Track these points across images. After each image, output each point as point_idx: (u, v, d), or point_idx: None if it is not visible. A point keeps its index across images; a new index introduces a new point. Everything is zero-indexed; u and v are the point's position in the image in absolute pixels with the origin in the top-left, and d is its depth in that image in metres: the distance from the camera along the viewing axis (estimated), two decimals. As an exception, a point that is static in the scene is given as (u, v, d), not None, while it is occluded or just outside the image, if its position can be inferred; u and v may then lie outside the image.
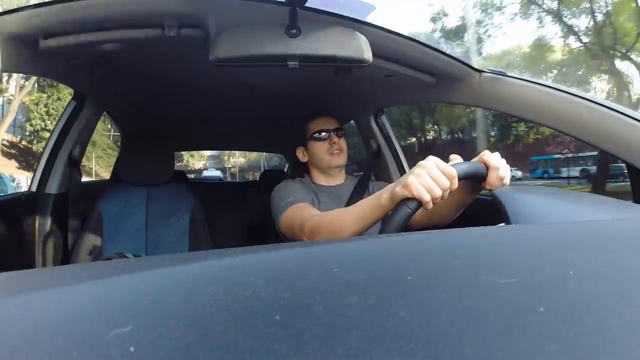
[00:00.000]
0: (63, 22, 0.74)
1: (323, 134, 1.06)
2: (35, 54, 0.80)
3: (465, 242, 0.30)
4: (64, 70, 0.98)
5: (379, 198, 0.64)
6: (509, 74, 0.94)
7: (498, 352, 0.16)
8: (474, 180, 0.67)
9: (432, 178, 0.58)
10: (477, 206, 0.75)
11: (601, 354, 0.16)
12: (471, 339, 0.16)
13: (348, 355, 0.15)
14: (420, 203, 0.58)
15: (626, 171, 0.76)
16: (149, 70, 1.11)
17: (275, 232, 1.09)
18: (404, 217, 0.57)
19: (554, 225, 0.36)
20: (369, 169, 1.30)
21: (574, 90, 0.83)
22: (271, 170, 2.19)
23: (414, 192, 0.57)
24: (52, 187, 1.23)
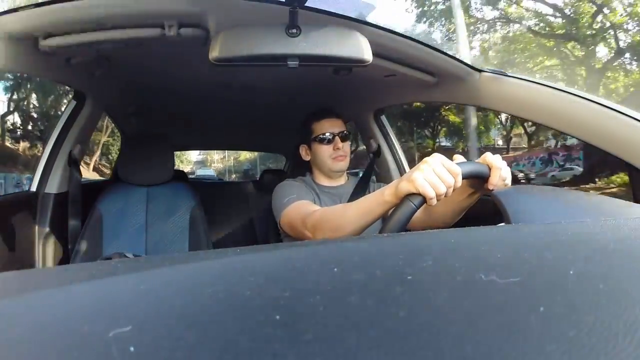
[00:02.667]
0: (63, 22, 0.74)
1: (327, 135, 1.04)
2: (35, 54, 0.80)
3: (465, 242, 0.30)
4: (64, 70, 0.98)
5: (382, 194, 0.64)
6: (509, 74, 0.94)
7: (498, 352, 0.16)
8: (477, 182, 0.67)
9: (436, 174, 0.58)
10: (477, 206, 0.75)
11: (601, 354, 0.16)
12: (471, 339, 0.16)
13: (348, 355, 0.15)
14: (424, 199, 0.58)
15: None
16: (149, 70, 1.11)
17: (276, 232, 1.09)
18: (408, 213, 0.57)
19: (554, 225, 0.36)
20: (368, 169, 1.30)
21: (574, 90, 0.83)
22: (271, 170, 2.19)
23: (419, 188, 0.57)
24: (52, 187, 1.23)
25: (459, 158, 0.65)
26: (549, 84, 0.86)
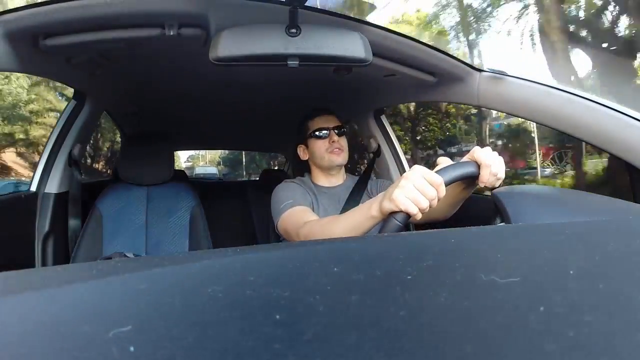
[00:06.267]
0: (63, 22, 0.74)
1: (323, 132, 1.06)
2: (35, 53, 0.80)
3: (465, 242, 0.30)
4: (64, 70, 0.98)
5: (370, 208, 0.64)
6: (509, 74, 0.94)
7: (498, 352, 0.16)
8: (468, 179, 0.66)
9: (417, 189, 0.57)
10: (477, 206, 0.75)
11: (601, 354, 0.16)
12: (471, 339, 0.16)
13: (348, 355, 0.15)
14: (408, 215, 0.57)
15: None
16: (149, 69, 1.11)
17: (276, 232, 1.09)
18: (394, 231, 0.57)
19: (554, 225, 0.36)
20: (368, 169, 1.30)
21: (574, 90, 0.83)
22: (272, 169, 2.19)
23: (400, 206, 0.57)
24: (52, 187, 1.23)
25: (443, 162, 0.64)
26: (549, 83, 0.86)
